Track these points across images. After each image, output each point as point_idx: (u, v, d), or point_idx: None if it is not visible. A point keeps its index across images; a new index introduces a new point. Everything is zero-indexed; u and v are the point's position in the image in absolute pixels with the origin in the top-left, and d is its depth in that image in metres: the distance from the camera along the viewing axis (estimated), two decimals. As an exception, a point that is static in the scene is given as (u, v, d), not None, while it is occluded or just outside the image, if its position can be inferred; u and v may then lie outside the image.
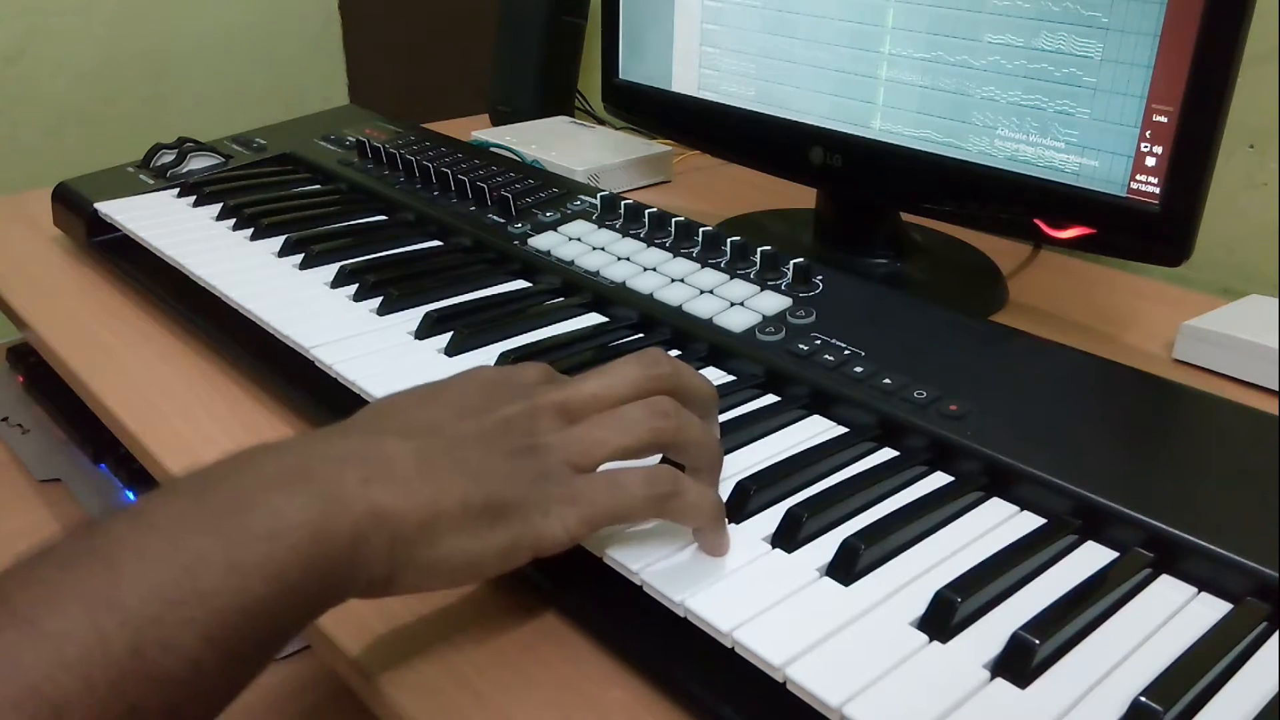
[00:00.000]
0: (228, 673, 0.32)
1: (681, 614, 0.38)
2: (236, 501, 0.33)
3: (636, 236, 0.67)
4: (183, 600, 0.30)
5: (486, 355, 0.56)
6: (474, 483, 0.37)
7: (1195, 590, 0.39)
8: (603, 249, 0.66)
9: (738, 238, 0.64)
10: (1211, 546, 0.39)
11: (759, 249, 0.63)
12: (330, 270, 0.67)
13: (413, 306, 0.62)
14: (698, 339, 0.57)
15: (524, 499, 0.37)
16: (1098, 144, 0.60)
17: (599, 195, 0.72)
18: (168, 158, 0.89)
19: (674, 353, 0.57)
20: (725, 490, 0.44)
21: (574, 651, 0.41)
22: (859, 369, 0.51)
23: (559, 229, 0.70)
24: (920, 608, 0.37)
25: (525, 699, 0.39)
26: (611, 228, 0.69)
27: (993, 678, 0.35)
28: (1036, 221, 0.64)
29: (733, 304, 0.58)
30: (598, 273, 0.64)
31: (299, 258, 0.69)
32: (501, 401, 0.40)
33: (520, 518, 0.37)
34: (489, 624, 0.42)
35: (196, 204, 0.80)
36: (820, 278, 0.60)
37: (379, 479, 0.35)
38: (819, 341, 0.54)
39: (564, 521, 0.38)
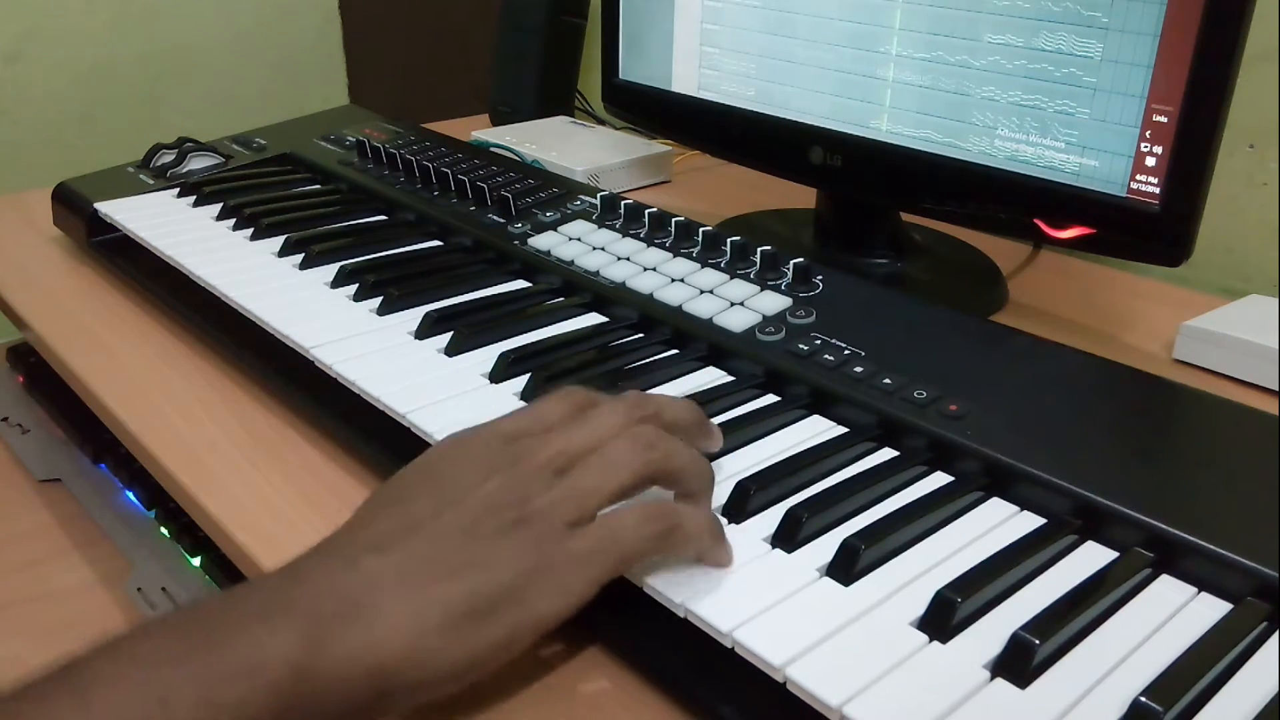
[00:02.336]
0: None
1: (682, 614, 0.38)
2: (217, 636, 0.32)
3: (636, 236, 0.67)
4: None
5: (486, 355, 0.56)
6: (459, 584, 0.35)
7: (1195, 590, 0.39)
8: (603, 249, 0.66)
9: (738, 238, 0.64)
10: (1211, 546, 0.39)
11: (759, 249, 0.63)
12: (330, 270, 0.67)
13: (413, 306, 0.62)
14: (698, 339, 0.57)
15: (517, 582, 0.36)
16: (1098, 144, 0.60)
17: (599, 195, 0.72)
18: (168, 158, 0.89)
19: (673, 352, 0.57)
20: (725, 490, 0.44)
21: (573, 651, 0.41)
22: (859, 369, 0.51)
23: (559, 229, 0.70)
24: (920, 608, 0.37)
25: (525, 698, 0.39)
26: (611, 228, 0.69)
27: (993, 678, 0.35)
28: (1036, 221, 0.64)
29: (733, 304, 0.58)
30: (598, 273, 0.64)
31: (299, 258, 0.69)
32: (486, 473, 0.39)
33: (515, 603, 0.36)
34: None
35: (196, 204, 0.80)
36: (820, 278, 0.60)
37: (355, 615, 0.34)
38: (819, 341, 0.54)
39: (566, 589, 0.37)
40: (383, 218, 0.78)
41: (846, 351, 0.53)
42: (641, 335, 0.59)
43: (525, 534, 0.37)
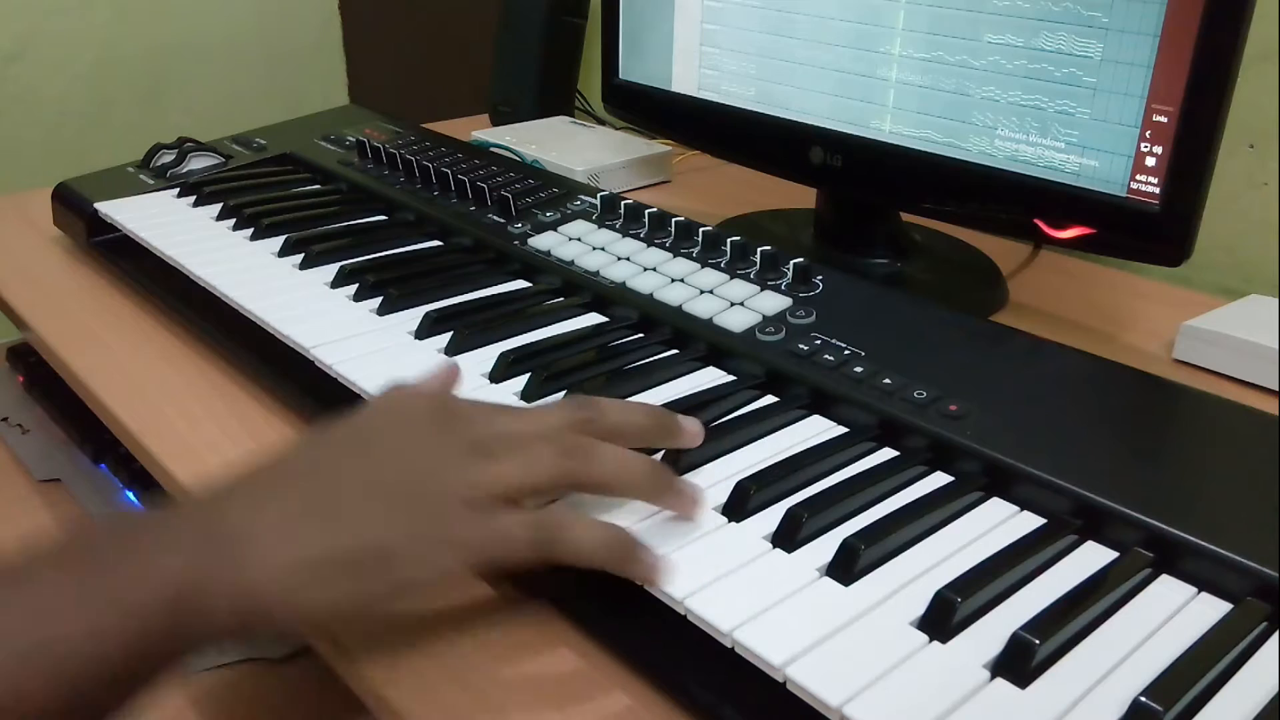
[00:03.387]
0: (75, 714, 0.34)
1: (682, 613, 0.38)
2: (128, 550, 0.35)
3: (636, 236, 0.67)
4: (36, 652, 0.32)
5: (486, 355, 0.56)
6: (333, 535, 0.37)
7: (1195, 590, 0.39)
8: (603, 249, 0.66)
9: (738, 238, 0.64)
10: (1211, 546, 0.39)
11: (759, 249, 0.63)
12: (330, 270, 0.67)
13: (413, 306, 0.62)
14: (697, 339, 0.57)
15: (390, 546, 0.37)
16: (1098, 144, 0.60)
17: (599, 195, 0.72)
18: (168, 158, 0.89)
19: (673, 353, 0.57)
20: (725, 490, 0.44)
21: (574, 651, 0.41)
22: (859, 369, 0.51)
23: (559, 229, 0.70)
24: (920, 608, 0.37)
25: (525, 699, 0.39)
26: (611, 228, 0.69)
27: (993, 678, 0.35)
28: (1036, 221, 0.64)
29: (733, 304, 0.58)
30: (598, 273, 0.64)
31: (299, 258, 0.69)
32: (411, 435, 0.40)
33: (382, 565, 0.37)
34: (489, 624, 0.42)
35: (196, 204, 0.80)
36: (820, 278, 0.60)
37: (231, 547, 0.36)
38: (819, 341, 0.54)
39: (436, 564, 0.38)
40: (383, 218, 0.78)
41: (846, 351, 0.53)
42: (641, 335, 0.59)
43: (418, 503, 0.38)
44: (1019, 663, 0.35)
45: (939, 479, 0.46)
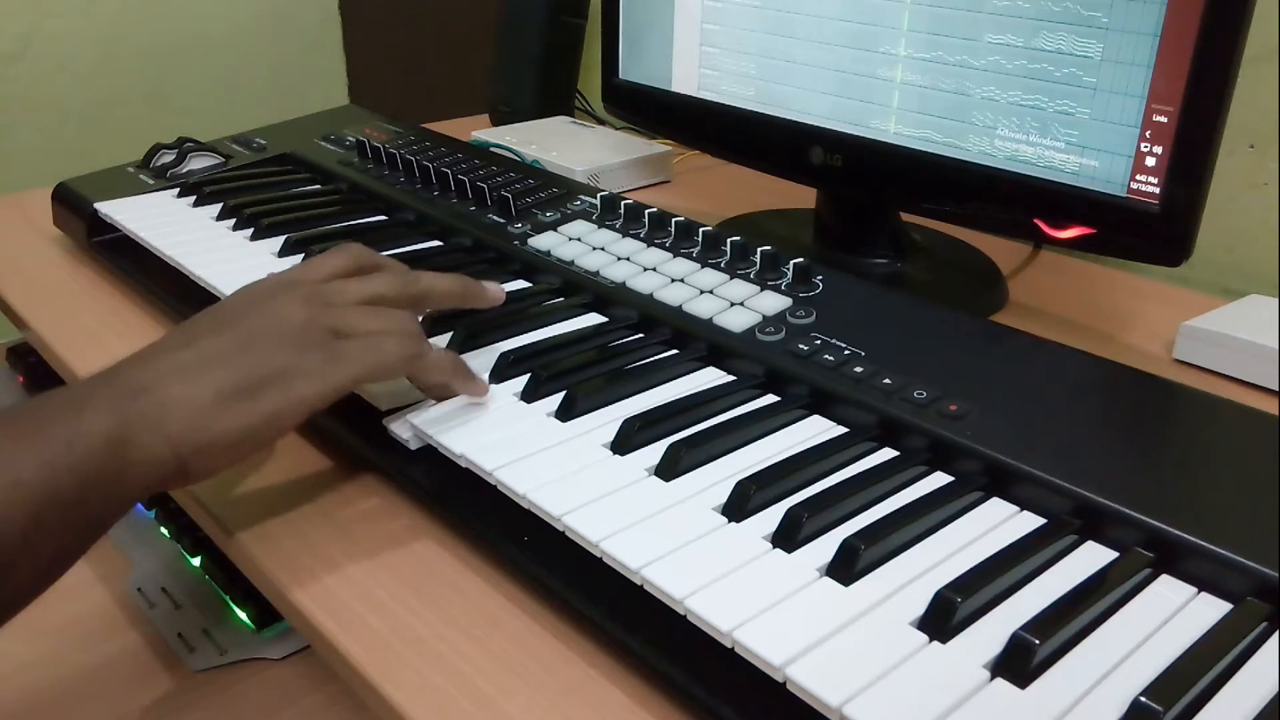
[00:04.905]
0: (52, 543, 0.40)
1: (682, 613, 0.38)
2: (46, 418, 0.41)
3: (636, 236, 0.67)
4: (4, 486, 0.39)
5: (487, 356, 0.56)
6: (229, 370, 0.44)
7: (1195, 590, 0.39)
8: (603, 249, 0.66)
9: (738, 238, 0.64)
10: (1211, 546, 0.39)
11: (759, 249, 0.63)
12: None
13: (413, 306, 0.62)
14: (698, 339, 0.57)
15: (282, 368, 0.45)
16: (1098, 144, 0.60)
17: (599, 195, 0.72)
18: (168, 158, 0.89)
19: (673, 353, 0.57)
20: (725, 490, 0.44)
21: (574, 651, 0.41)
22: (859, 369, 0.51)
23: (559, 229, 0.70)
24: (920, 608, 0.37)
25: (525, 699, 0.39)
26: (611, 228, 0.69)
27: (993, 678, 0.35)
28: (1036, 221, 0.64)
29: (733, 304, 0.58)
30: (598, 273, 0.64)
31: (299, 258, 0.69)
32: (266, 301, 0.48)
33: (280, 385, 0.44)
34: (489, 624, 0.42)
35: (196, 204, 0.80)
36: (820, 278, 0.60)
37: (146, 395, 0.43)
38: (819, 341, 0.54)
39: (326, 378, 0.45)
40: (383, 218, 0.78)
41: (846, 351, 0.53)
42: (641, 335, 0.59)
43: (297, 336, 0.46)
44: (1019, 663, 0.35)
45: (939, 479, 0.46)
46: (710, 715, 0.37)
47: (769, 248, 0.63)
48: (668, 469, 0.46)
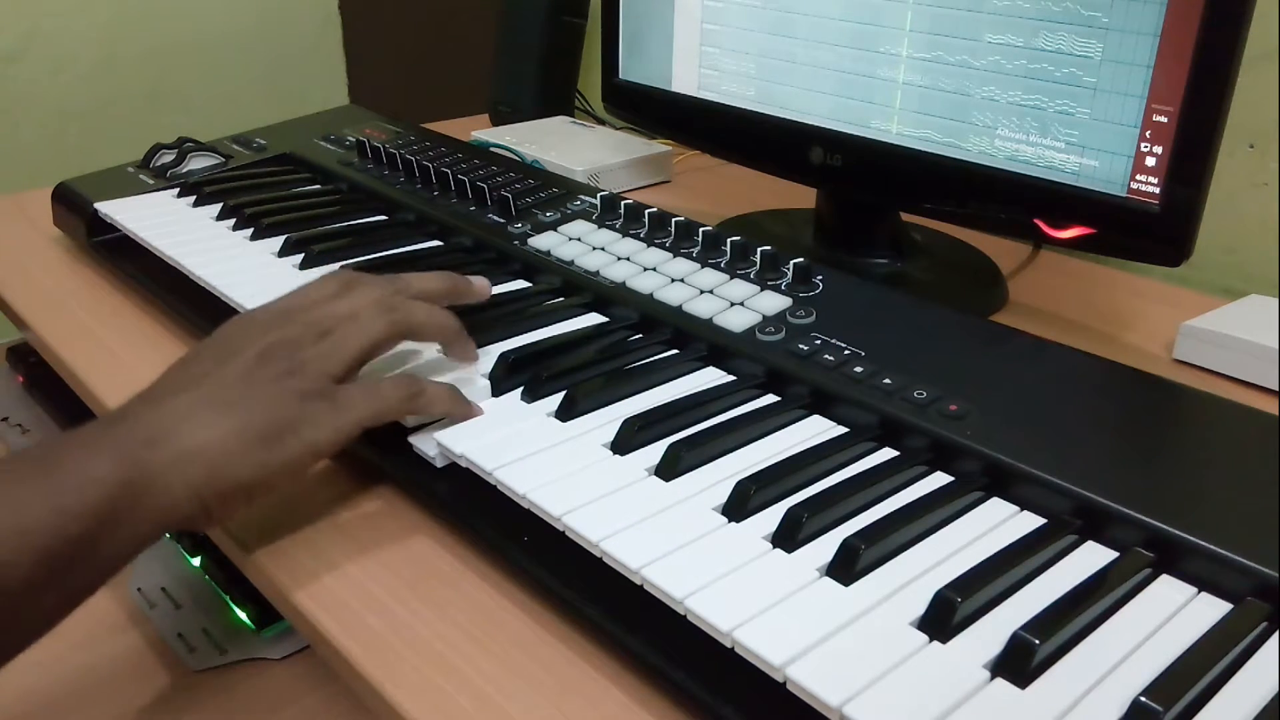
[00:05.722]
0: (57, 591, 0.40)
1: (681, 613, 0.38)
2: (54, 463, 0.41)
3: (636, 236, 0.67)
4: (12, 532, 0.38)
5: (487, 356, 0.56)
6: (245, 415, 0.44)
7: (1195, 590, 0.39)
8: (603, 249, 0.66)
9: (738, 238, 0.64)
10: (1211, 546, 0.39)
11: (759, 249, 0.63)
12: (331, 270, 0.66)
13: (413, 306, 0.62)
14: (698, 339, 0.57)
15: (293, 416, 0.45)
16: (1098, 144, 0.60)
17: (599, 195, 0.72)
18: (168, 158, 0.89)
19: (673, 353, 0.57)
20: (725, 490, 0.44)
21: (574, 651, 0.41)
22: (859, 369, 0.51)
23: (559, 229, 0.70)
24: (920, 608, 0.37)
25: (525, 699, 0.39)
26: (611, 228, 0.69)
27: (993, 678, 0.35)
28: (1036, 221, 0.64)
29: (733, 304, 0.58)
30: (598, 273, 0.64)
31: (299, 258, 0.69)
32: (263, 335, 0.48)
33: (293, 433, 0.45)
34: (489, 624, 0.42)
35: (196, 204, 0.80)
36: (820, 278, 0.60)
37: (165, 438, 0.43)
38: (819, 341, 0.54)
39: (334, 425, 0.46)
40: (383, 218, 0.78)
41: (846, 351, 0.53)
42: (641, 335, 0.59)
43: (294, 382, 0.46)
44: (1019, 663, 0.35)
45: (939, 479, 0.46)
46: (710, 715, 0.37)
47: (769, 248, 0.63)
48: (668, 469, 0.46)
